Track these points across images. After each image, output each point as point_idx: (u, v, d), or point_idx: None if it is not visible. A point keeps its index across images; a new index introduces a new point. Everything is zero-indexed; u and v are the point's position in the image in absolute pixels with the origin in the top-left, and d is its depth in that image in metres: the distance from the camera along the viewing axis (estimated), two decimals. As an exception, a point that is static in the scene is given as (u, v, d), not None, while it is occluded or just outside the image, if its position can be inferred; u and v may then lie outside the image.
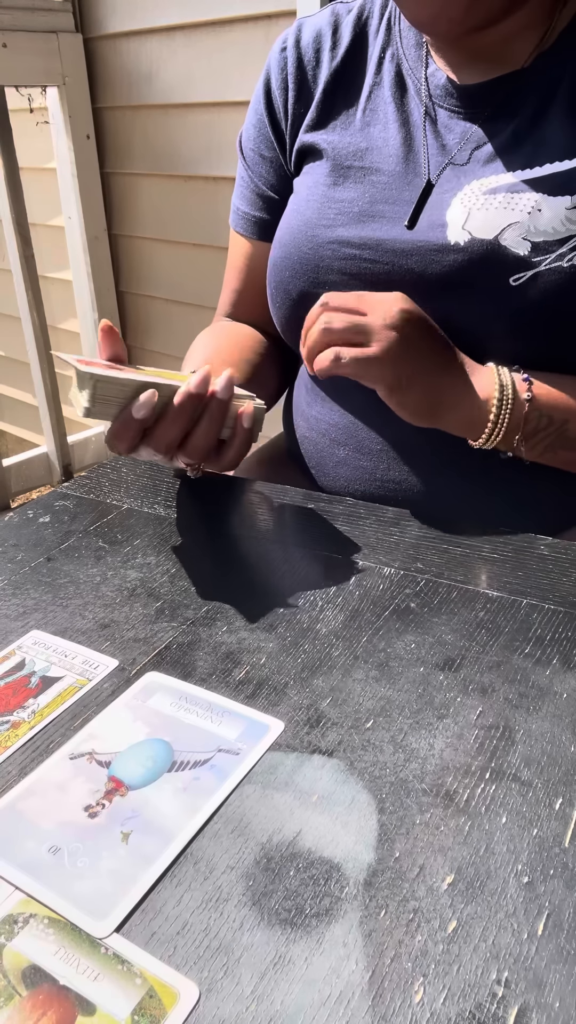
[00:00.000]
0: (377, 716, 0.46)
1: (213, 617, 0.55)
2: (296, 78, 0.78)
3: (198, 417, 0.60)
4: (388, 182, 0.72)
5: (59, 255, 2.29)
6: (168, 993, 0.33)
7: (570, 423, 0.67)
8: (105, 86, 2.01)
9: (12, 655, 0.52)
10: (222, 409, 0.60)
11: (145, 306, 2.21)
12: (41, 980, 0.33)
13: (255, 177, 0.84)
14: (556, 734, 0.44)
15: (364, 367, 0.62)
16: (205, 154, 1.87)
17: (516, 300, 0.65)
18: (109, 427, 0.59)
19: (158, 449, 0.60)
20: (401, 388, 0.64)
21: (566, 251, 0.64)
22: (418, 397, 0.65)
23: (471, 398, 0.66)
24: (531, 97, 0.67)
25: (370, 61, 0.76)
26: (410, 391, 0.64)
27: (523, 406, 0.66)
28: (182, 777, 0.43)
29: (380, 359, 0.62)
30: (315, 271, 0.74)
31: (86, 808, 0.41)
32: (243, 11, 1.66)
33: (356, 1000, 0.32)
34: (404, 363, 0.63)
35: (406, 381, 0.64)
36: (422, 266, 0.69)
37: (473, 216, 0.67)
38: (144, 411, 0.57)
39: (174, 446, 0.60)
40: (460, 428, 0.67)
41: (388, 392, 0.64)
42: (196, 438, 0.60)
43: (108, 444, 0.60)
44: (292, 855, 0.38)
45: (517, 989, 0.32)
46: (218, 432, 0.61)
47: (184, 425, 0.59)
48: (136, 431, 0.58)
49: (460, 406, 0.66)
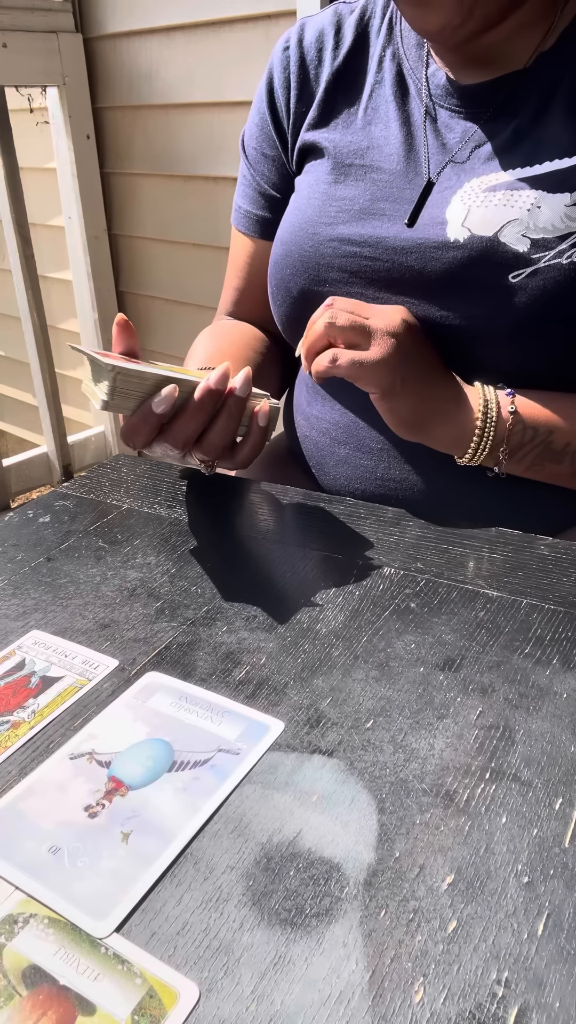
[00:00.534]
0: (377, 716, 0.46)
1: (213, 617, 0.55)
2: (298, 77, 0.78)
3: (216, 413, 0.60)
4: (389, 180, 0.73)
5: (59, 255, 2.29)
6: (168, 993, 0.33)
7: (555, 435, 0.67)
8: (105, 86, 2.01)
9: (12, 655, 0.52)
10: (240, 406, 0.60)
11: (145, 306, 2.21)
12: (41, 980, 0.33)
13: (257, 175, 0.84)
14: (556, 734, 0.44)
15: (361, 369, 0.63)
16: (205, 154, 1.87)
17: (515, 297, 0.65)
18: (125, 421, 0.59)
19: (175, 444, 0.60)
20: (395, 393, 0.65)
21: (565, 248, 0.64)
22: (410, 405, 0.66)
23: (459, 412, 0.67)
24: (532, 96, 0.67)
25: (371, 61, 0.76)
26: (403, 398, 0.65)
27: (507, 419, 0.66)
28: (182, 777, 0.43)
29: (377, 363, 0.63)
30: (316, 268, 0.74)
31: (86, 808, 0.41)
32: (243, 11, 1.66)
33: (356, 1000, 0.32)
34: (400, 369, 0.64)
35: (400, 387, 0.64)
36: (422, 263, 0.69)
37: (473, 213, 0.67)
38: (164, 406, 0.57)
39: (191, 442, 0.60)
40: (447, 442, 0.68)
41: (381, 396, 0.65)
42: (213, 435, 0.60)
43: (123, 438, 0.60)
44: (292, 855, 0.38)
45: (517, 989, 0.32)
46: (236, 429, 0.61)
47: (202, 421, 0.59)
48: (154, 426, 0.58)
49: (448, 420, 0.67)
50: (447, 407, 0.67)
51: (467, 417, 0.67)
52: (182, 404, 0.59)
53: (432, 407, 0.67)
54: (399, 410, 0.66)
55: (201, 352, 0.84)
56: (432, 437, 0.68)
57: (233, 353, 0.82)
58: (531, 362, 0.68)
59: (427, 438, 0.68)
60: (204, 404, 0.59)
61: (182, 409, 0.59)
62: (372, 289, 0.72)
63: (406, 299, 0.71)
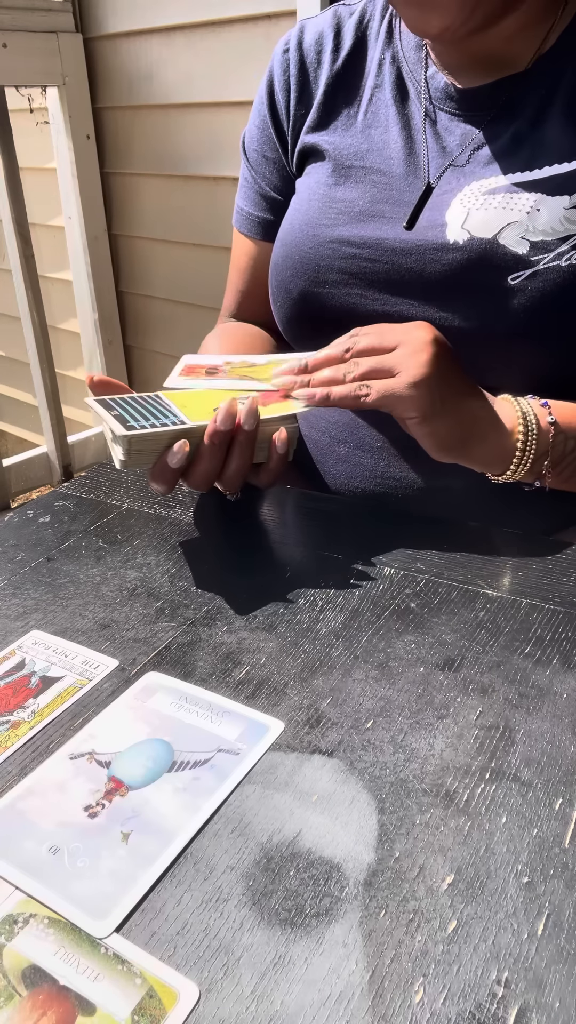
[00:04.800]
0: (377, 716, 0.46)
1: (213, 617, 0.55)
2: (298, 79, 0.78)
3: (229, 448, 0.60)
4: (389, 182, 0.73)
5: (59, 255, 2.29)
6: (168, 993, 0.33)
7: None
8: (105, 86, 2.01)
9: (12, 655, 0.52)
10: (250, 440, 0.60)
11: (145, 306, 2.21)
12: (41, 980, 0.33)
13: (258, 177, 0.85)
14: (556, 734, 0.44)
15: (393, 398, 0.59)
16: (205, 154, 1.87)
17: (514, 299, 0.65)
18: (149, 471, 0.60)
19: (196, 487, 0.61)
20: (435, 415, 0.60)
21: (565, 250, 0.64)
22: (449, 426, 0.61)
23: (498, 429, 0.63)
24: (531, 99, 0.67)
25: (371, 63, 0.76)
26: (444, 418, 0.60)
27: (548, 431, 0.63)
28: (182, 777, 0.43)
29: (411, 386, 0.59)
30: (316, 270, 0.74)
31: (86, 808, 0.41)
32: (243, 11, 1.66)
33: (356, 1000, 0.32)
34: (437, 390, 0.60)
35: (440, 406, 0.60)
36: (421, 265, 0.69)
37: (472, 216, 0.67)
38: (177, 459, 0.58)
39: (211, 481, 0.61)
40: (486, 461, 0.64)
41: (421, 419, 0.60)
42: (230, 471, 0.61)
43: (149, 485, 0.61)
44: (292, 855, 0.38)
45: (517, 989, 0.32)
46: (250, 460, 0.61)
47: (217, 461, 0.60)
48: (173, 475, 0.60)
49: (488, 437, 0.63)
50: (484, 425, 0.62)
51: (505, 433, 0.63)
52: (196, 448, 0.60)
53: (471, 426, 0.62)
54: (439, 432, 0.61)
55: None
56: (471, 457, 0.63)
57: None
58: (530, 364, 0.68)
59: (466, 458, 0.64)
60: (215, 445, 0.59)
61: (197, 453, 0.60)
62: (372, 291, 0.72)
63: (406, 300, 0.71)
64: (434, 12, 0.62)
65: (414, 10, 0.63)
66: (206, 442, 0.59)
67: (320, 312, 0.75)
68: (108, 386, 0.64)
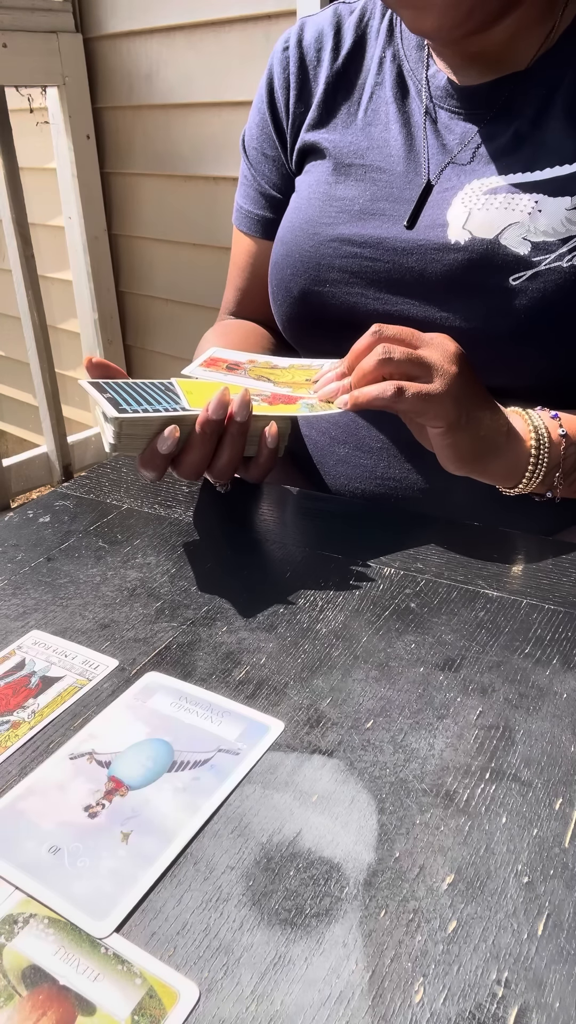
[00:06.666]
0: (377, 716, 0.46)
1: (213, 617, 0.55)
2: (298, 77, 0.79)
3: (220, 438, 0.60)
4: (390, 180, 0.73)
5: (59, 255, 2.29)
6: (168, 993, 0.33)
7: None
8: (105, 86, 2.01)
9: (12, 655, 0.52)
10: (242, 431, 0.60)
11: (145, 306, 2.21)
12: (41, 980, 0.33)
13: (258, 176, 0.85)
14: (556, 734, 0.44)
15: (427, 403, 0.58)
16: (205, 154, 1.87)
17: (515, 299, 0.65)
18: (138, 457, 0.60)
19: (185, 475, 0.61)
20: (460, 427, 0.59)
21: (566, 251, 0.64)
22: (470, 440, 0.61)
23: (512, 443, 0.63)
24: (532, 98, 0.67)
25: (371, 62, 0.76)
26: (467, 430, 0.60)
27: (559, 442, 0.64)
28: (182, 777, 0.43)
29: (443, 395, 0.58)
30: (316, 269, 0.74)
31: (86, 808, 0.41)
32: (243, 11, 1.66)
33: (356, 1000, 0.32)
34: (465, 402, 0.60)
35: (465, 420, 0.60)
36: (422, 265, 0.69)
37: (474, 216, 0.67)
38: (167, 445, 0.58)
39: (201, 470, 0.61)
40: (500, 474, 0.64)
41: (447, 430, 0.59)
42: (220, 462, 0.61)
43: (138, 471, 0.61)
44: (292, 855, 0.38)
45: (517, 989, 0.32)
46: (241, 452, 0.61)
47: (208, 451, 0.60)
48: (163, 462, 0.59)
49: (503, 451, 0.63)
50: (500, 439, 0.63)
51: (520, 446, 0.63)
52: (187, 436, 0.59)
53: (489, 440, 0.62)
54: (460, 445, 0.60)
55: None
56: (486, 471, 0.63)
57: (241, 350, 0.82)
58: (531, 364, 0.68)
59: (481, 472, 0.63)
60: (206, 434, 0.59)
61: (188, 442, 0.59)
62: (372, 290, 0.72)
63: (407, 300, 0.71)
64: (428, 13, 0.62)
65: (409, 11, 0.64)
66: (197, 431, 0.59)
67: (320, 311, 0.75)
68: (106, 369, 0.64)
